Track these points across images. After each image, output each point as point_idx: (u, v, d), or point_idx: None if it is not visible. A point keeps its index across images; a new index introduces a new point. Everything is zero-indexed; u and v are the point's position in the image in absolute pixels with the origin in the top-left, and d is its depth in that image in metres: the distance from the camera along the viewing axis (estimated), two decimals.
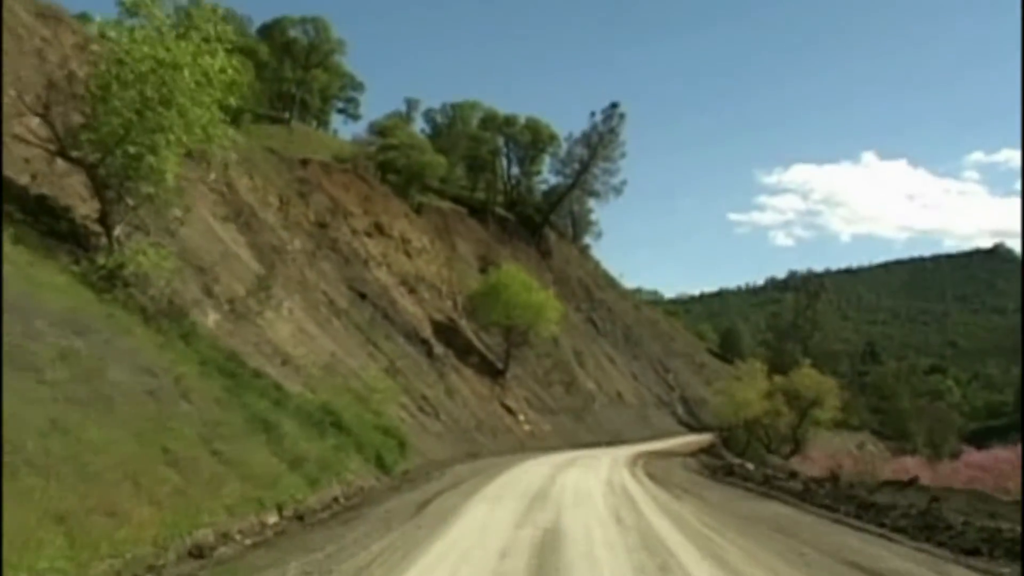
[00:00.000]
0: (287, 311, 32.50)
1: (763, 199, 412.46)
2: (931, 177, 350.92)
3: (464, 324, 53.95)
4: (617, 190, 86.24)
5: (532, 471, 26.23)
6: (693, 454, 41.68)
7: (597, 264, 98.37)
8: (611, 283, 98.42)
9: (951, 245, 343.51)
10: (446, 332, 49.98)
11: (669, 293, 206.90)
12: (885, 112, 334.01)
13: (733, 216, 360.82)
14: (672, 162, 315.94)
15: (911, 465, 53.49)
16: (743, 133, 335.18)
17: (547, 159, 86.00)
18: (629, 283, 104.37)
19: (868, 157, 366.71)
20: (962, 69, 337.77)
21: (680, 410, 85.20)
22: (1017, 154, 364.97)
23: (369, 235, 50.45)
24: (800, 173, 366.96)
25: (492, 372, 50.91)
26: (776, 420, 41.19)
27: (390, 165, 67.30)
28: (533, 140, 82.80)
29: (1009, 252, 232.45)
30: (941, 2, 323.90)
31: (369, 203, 52.48)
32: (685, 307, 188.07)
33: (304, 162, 51.41)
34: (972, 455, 57.48)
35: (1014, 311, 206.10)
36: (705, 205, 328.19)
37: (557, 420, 57.27)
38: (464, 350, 50.07)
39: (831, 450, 44.33)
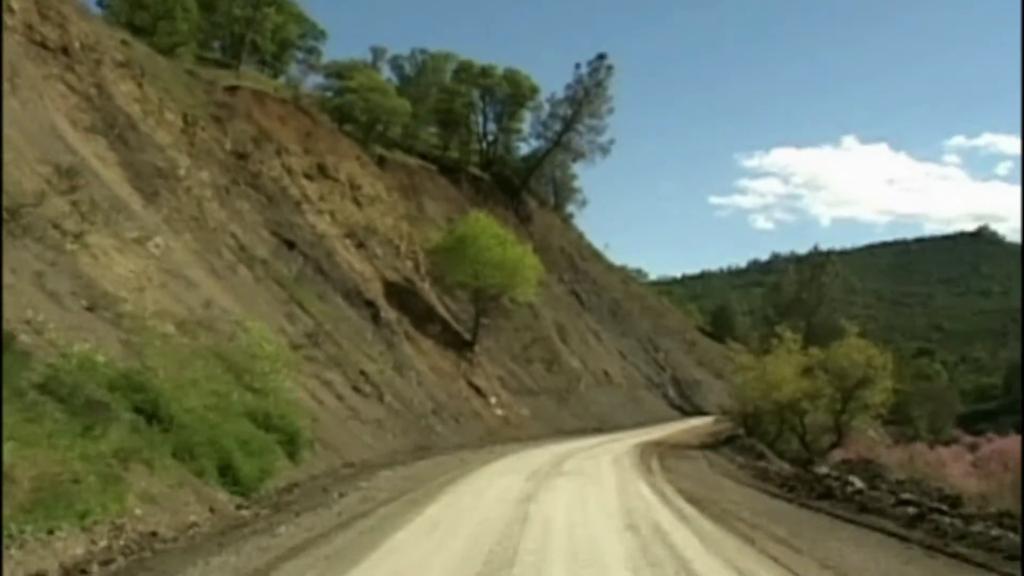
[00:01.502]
0: (156, 247, 22.16)
1: (744, 183, 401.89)
2: (912, 161, 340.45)
3: (427, 288, 43.60)
4: (604, 149, 75.79)
5: (496, 484, 16.06)
6: (711, 446, 31.70)
7: (581, 235, 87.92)
8: (596, 255, 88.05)
9: (932, 229, 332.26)
10: (401, 295, 39.63)
11: (651, 275, 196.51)
12: (866, 96, 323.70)
13: (714, 199, 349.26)
14: (653, 145, 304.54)
15: (946, 455, 43.80)
16: (724, 117, 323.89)
17: (528, 116, 75.38)
18: (614, 258, 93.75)
19: (849, 141, 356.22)
20: (943, 53, 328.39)
21: (672, 392, 75.19)
22: (997, 138, 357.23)
23: (309, 177, 39.94)
24: (781, 157, 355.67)
25: (458, 344, 40.62)
26: (816, 404, 31.22)
27: (347, 110, 56.78)
28: (512, 93, 72.10)
29: (993, 235, 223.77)
30: None
31: (311, 141, 41.92)
32: (668, 288, 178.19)
33: (232, 89, 40.79)
34: (1008, 442, 48.04)
35: (999, 294, 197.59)
36: (686, 188, 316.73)
37: (537, 403, 47.14)
38: (424, 317, 39.75)
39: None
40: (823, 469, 18.92)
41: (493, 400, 39.08)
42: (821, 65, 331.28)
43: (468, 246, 38.89)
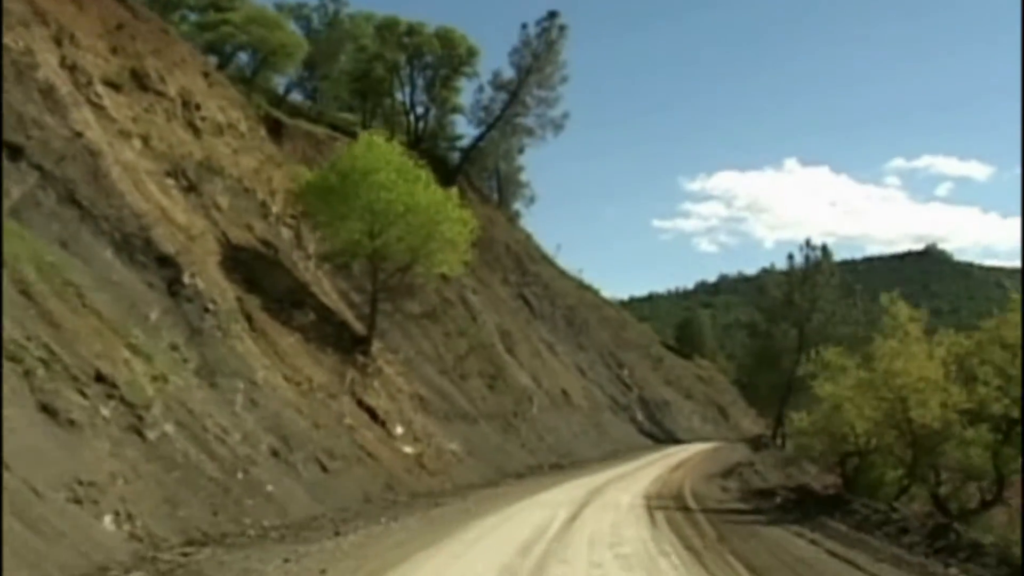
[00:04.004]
0: None
1: (687, 206, 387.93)
2: (853, 183, 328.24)
3: (300, 259, 28.11)
4: (557, 125, 60.97)
5: None
6: (779, 510, 16.84)
7: (529, 236, 72.67)
8: (547, 259, 72.89)
9: (874, 250, 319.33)
10: (252, 265, 24.08)
11: None
12: (807, 118, 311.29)
13: (657, 223, 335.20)
14: (596, 169, 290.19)
15: None
16: (667, 140, 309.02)
17: (466, 86, 60.33)
18: (567, 264, 78.25)
19: (791, 163, 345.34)
20: (881, 75, 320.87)
21: (640, 415, 60.31)
22: (936, 160, 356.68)
23: (114, 85, 24.37)
24: (723, 180, 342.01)
25: (344, 342, 25.12)
26: (977, 428, 16.51)
27: (223, 48, 41.67)
28: (446, 56, 57.20)
29: (942, 254, 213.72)
30: (858, 9, 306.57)
31: (124, 38, 26.37)
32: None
33: None
34: None
35: (949, 312, 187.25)
36: (630, 212, 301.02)
37: (474, 432, 31.96)
38: (288, 299, 24.23)
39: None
40: None
41: (399, 430, 23.59)
42: (762, 88, 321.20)
43: (357, 185, 23.42)
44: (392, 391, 25.80)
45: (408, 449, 23.22)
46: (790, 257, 61.49)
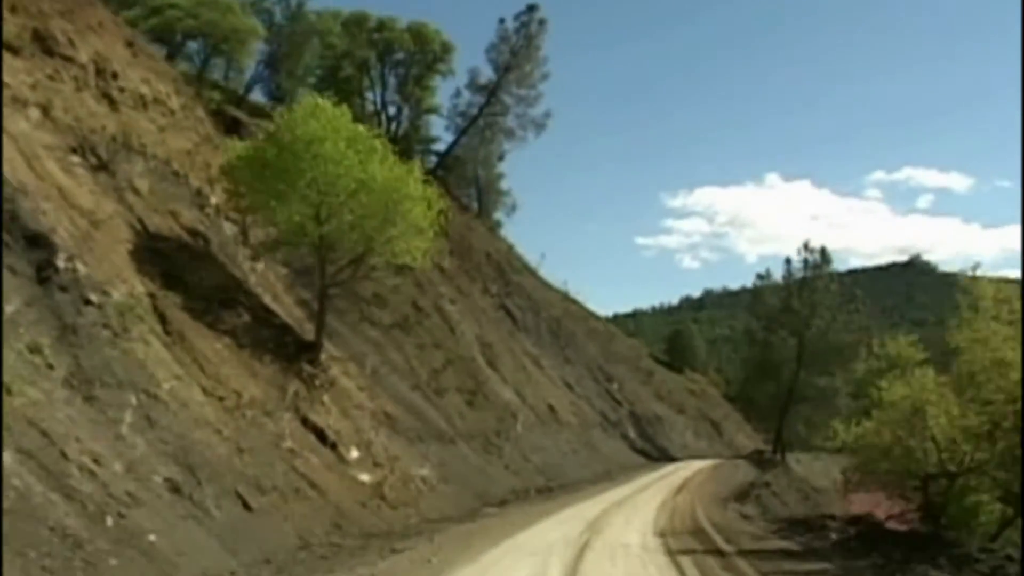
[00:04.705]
0: None
1: (669, 222, 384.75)
2: (834, 197, 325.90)
3: (255, 264, 23.82)
4: (539, 125, 57.17)
5: None
6: (850, 552, 12.57)
7: (511, 246, 68.46)
8: (530, 270, 68.70)
9: (857, 263, 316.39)
10: (175, 257, 19.77)
11: None
12: (787, 133, 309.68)
13: (640, 240, 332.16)
14: (576, 186, 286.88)
15: None
16: (648, 156, 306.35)
17: (441, 85, 56.62)
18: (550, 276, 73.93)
19: (772, 178, 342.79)
20: (860, 89, 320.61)
21: (631, 431, 56.06)
22: (916, 172, 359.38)
23: (12, 49, 20.27)
24: (705, 196, 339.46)
25: (288, 349, 20.79)
26: None
27: (170, 35, 37.58)
28: (419, 53, 53.26)
29: (926, 264, 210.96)
30: (837, 24, 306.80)
31: None
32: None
33: None
34: None
35: (935, 323, 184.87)
36: (612, 229, 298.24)
37: (450, 454, 27.72)
38: (219, 298, 19.89)
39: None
40: None
41: (354, 454, 19.26)
42: (742, 103, 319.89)
43: (299, 159, 19.21)
44: (347, 407, 21.47)
45: (365, 477, 18.88)
46: (787, 261, 57.30)
